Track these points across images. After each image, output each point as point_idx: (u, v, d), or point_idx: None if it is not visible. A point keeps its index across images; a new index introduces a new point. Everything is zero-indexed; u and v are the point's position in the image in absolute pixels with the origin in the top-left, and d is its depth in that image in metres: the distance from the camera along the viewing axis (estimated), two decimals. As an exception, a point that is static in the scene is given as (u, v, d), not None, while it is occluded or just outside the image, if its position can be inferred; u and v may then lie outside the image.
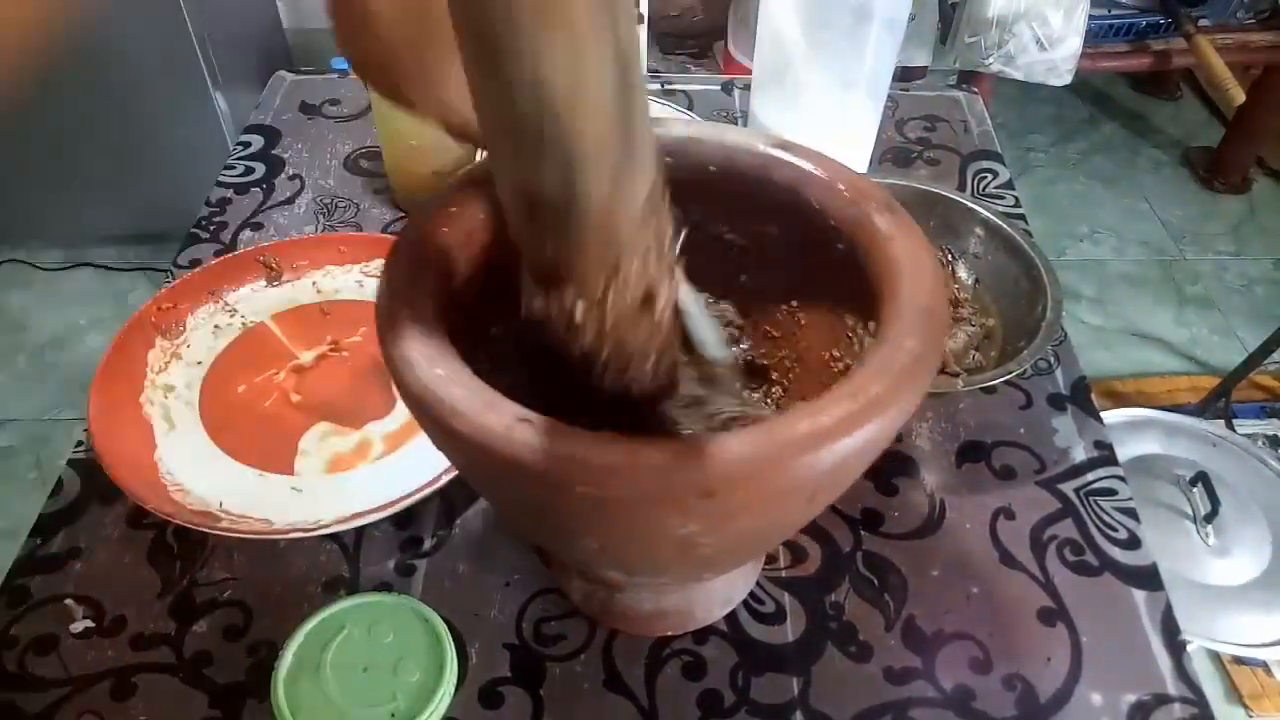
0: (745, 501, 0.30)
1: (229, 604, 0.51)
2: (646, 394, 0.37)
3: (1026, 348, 0.56)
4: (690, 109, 0.88)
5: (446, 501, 0.55)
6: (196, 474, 0.56)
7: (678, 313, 0.36)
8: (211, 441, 0.58)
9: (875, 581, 0.52)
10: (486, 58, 0.25)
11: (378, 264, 0.69)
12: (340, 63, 0.91)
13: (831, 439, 0.30)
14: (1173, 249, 1.94)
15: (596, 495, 0.29)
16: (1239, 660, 1.17)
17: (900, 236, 0.39)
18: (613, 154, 0.28)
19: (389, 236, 0.71)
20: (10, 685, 0.47)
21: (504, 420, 0.30)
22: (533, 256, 0.32)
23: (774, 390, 0.47)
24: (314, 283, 0.69)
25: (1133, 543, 0.54)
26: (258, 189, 0.79)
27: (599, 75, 0.26)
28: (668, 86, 0.91)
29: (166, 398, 0.60)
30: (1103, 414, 0.62)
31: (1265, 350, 1.38)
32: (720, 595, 0.50)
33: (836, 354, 0.45)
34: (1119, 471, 0.58)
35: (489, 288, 0.43)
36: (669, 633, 0.50)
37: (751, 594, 0.52)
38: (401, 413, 0.60)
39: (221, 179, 0.80)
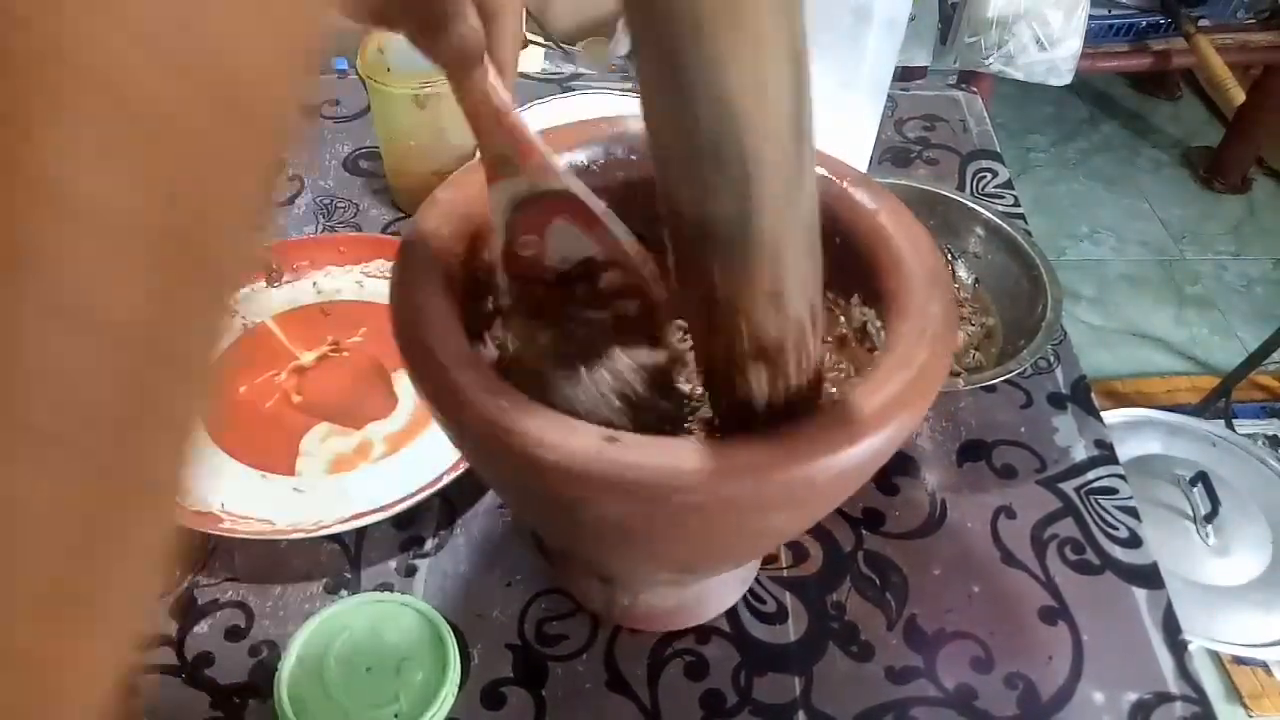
0: (831, 483, 0.31)
1: (230, 605, 0.51)
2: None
3: (1026, 347, 0.56)
4: (690, 109, 0.88)
5: (448, 502, 0.55)
6: (197, 475, 0.56)
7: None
8: (212, 442, 0.58)
9: (877, 581, 0.52)
10: (667, 71, 0.24)
11: (378, 264, 0.69)
12: (340, 63, 0.91)
13: (899, 411, 0.32)
14: (1173, 249, 1.94)
15: (695, 502, 0.30)
16: (1239, 660, 1.17)
17: (885, 209, 0.40)
18: (787, 171, 0.26)
19: (389, 237, 0.71)
20: (12, 686, 0.47)
21: (591, 442, 0.30)
22: (698, 287, 0.31)
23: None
24: (314, 283, 0.69)
25: (1133, 541, 0.54)
26: (258, 190, 0.79)
27: (777, 82, 0.24)
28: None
29: (168, 398, 0.60)
30: (1103, 414, 0.62)
31: (1265, 350, 1.38)
32: (739, 577, 0.51)
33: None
34: (1119, 470, 0.58)
35: (487, 289, 0.43)
36: (679, 626, 0.50)
37: (753, 594, 0.52)
38: (402, 413, 0.60)
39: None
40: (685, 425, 0.42)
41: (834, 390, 0.44)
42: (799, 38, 0.24)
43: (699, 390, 0.44)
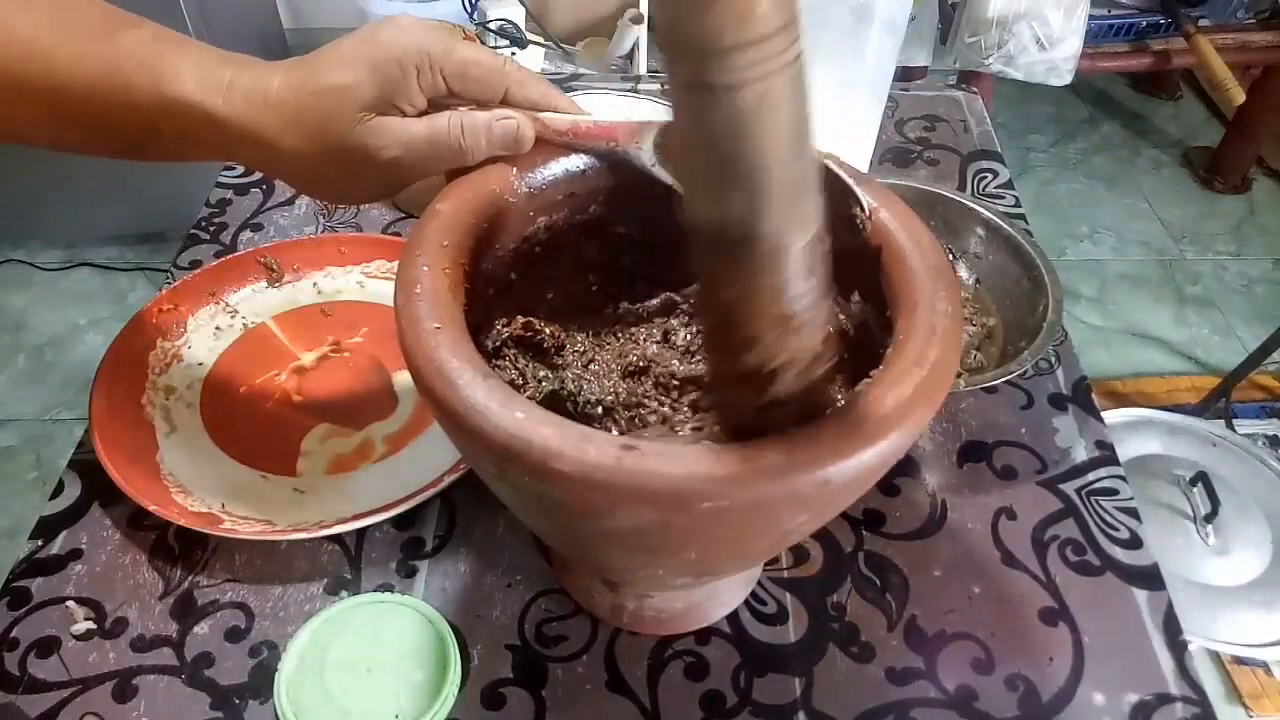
0: (849, 483, 0.31)
1: (231, 605, 0.51)
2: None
3: (1027, 348, 0.56)
4: (691, 109, 0.87)
5: (448, 502, 0.55)
6: (198, 475, 0.56)
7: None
8: (213, 443, 0.58)
9: (877, 582, 0.52)
10: (691, 91, 0.28)
11: (378, 265, 0.69)
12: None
13: (914, 408, 0.32)
14: (1173, 249, 1.94)
15: (721, 508, 0.30)
16: (1239, 660, 1.17)
17: (886, 207, 0.40)
18: (791, 179, 0.30)
19: (390, 237, 0.71)
20: (12, 687, 0.47)
21: (609, 451, 0.30)
22: (711, 294, 0.34)
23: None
24: (315, 284, 0.69)
25: (1134, 542, 0.54)
26: (257, 190, 0.79)
27: (786, 107, 0.28)
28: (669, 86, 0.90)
29: (168, 399, 0.60)
30: (1103, 414, 0.62)
31: (1265, 350, 1.39)
32: (744, 580, 0.51)
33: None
34: (1120, 471, 0.58)
35: (497, 289, 0.43)
36: (683, 630, 0.50)
37: (754, 594, 0.52)
38: (403, 413, 0.60)
39: (221, 179, 0.80)
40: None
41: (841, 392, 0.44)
42: (800, 54, 0.28)
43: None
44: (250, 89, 0.39)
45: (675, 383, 0.43)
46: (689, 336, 0.47)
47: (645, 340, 0.48)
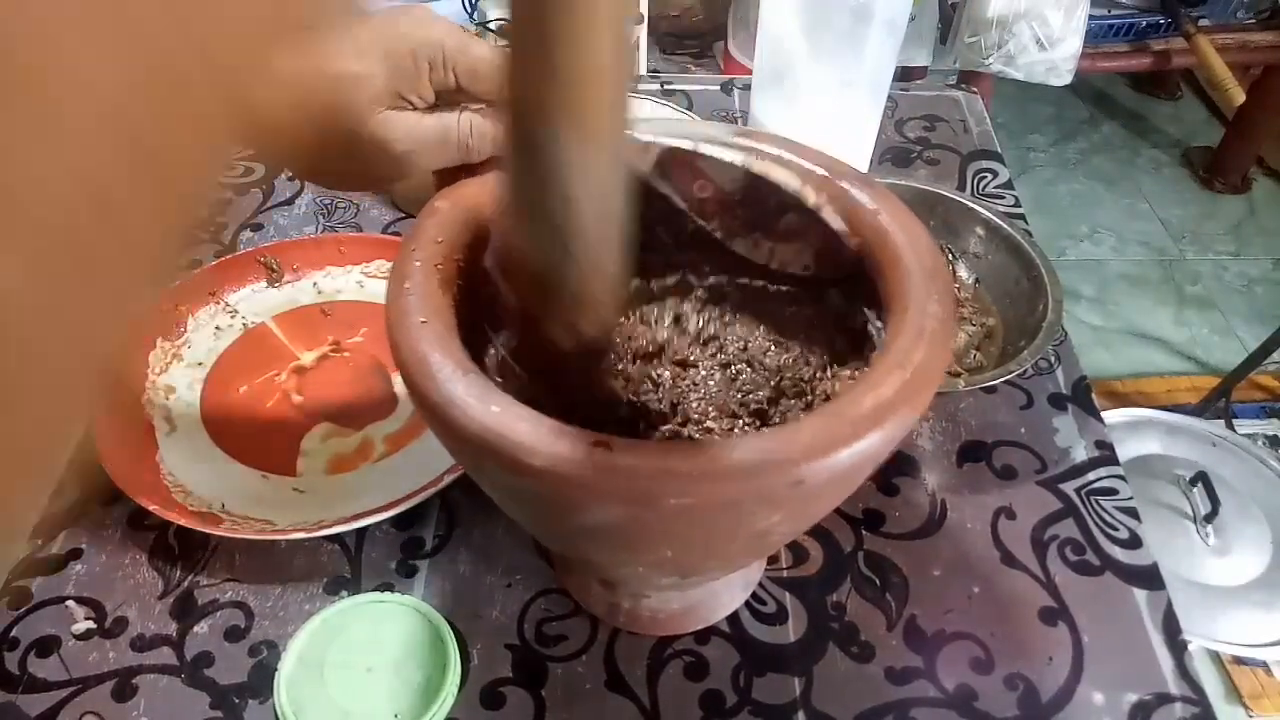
0: (825, 484, 0.31)
1: (230, 605, 0.51)
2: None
3: (1027, 347, 0.56)
4: (690, 109, 0.88)
5: (448, 502, 0.55)
6: (198, 475, 0.56)
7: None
8: (213, 443, 0.58)
9: (877, 581, 0.52)
10: (528, 164, 0.30)
11: (378, 264, 0.69)
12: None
13: (894, 410, 0.31)
14: (1173, 249, 1.94)
15: (689, 505, 0.30)
16: (1239, 660, 1.17)
17: (885, 209, 0.40)
18: (608, 251, 0.33)
19: (389, 237, 0.71)
20: (12, 687, 0.47)
21: (579, 447, 0.30)
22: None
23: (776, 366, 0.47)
24: (315, 283, 0.69)
25: (1134, 542, 0.54)
26: (257, 190, 0.79)
27: (615, 189, 0.30)
28: (668, 87, 0.91)
29: (167, 399, 0.60)
30: (1103, 414, 0.62)
31: (1265, 350, 1.39)
32: (740, 582, 0.51)
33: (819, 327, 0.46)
34: (1120, 471, 0.58)
35: (488, 297, 0.43)
36: (682, 631, 0.50)
37: (753, 594, 0.52)
38: (403, 413, 0.60)
39: (220, 179, 0.80)
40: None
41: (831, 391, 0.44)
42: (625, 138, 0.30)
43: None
44: None
45: (686, 370, 0.43)
46: (701, 323, 0.47)
47: (656, 324, 0.48)
